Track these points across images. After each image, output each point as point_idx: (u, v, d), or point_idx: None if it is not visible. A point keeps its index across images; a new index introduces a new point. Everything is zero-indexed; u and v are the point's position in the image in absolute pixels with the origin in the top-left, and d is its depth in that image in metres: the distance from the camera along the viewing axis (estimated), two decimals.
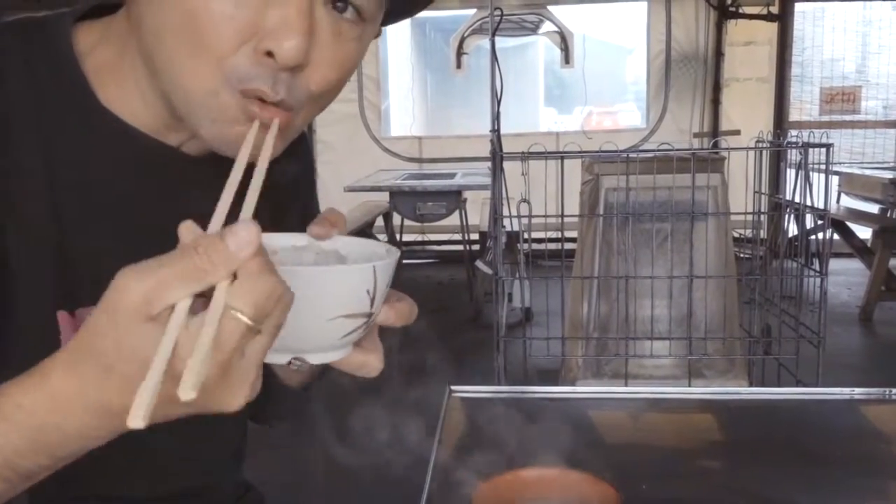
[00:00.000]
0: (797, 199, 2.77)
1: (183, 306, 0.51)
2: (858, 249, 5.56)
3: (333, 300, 0.62)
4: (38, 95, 0.73)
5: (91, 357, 0.54)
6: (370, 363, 0.69)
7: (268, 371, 0.92)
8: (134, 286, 0.51)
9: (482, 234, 5.27)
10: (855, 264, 5.75)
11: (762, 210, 2.89)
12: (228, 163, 0.78)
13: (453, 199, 5.34)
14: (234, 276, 0.52)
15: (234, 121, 0.69)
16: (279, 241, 0.69)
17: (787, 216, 2.90)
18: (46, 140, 0.73)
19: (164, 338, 0.50)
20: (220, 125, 0.69)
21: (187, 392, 0.48)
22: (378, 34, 0.79)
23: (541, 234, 3.16)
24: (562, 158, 2.63)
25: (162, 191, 0.79)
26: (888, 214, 5.69)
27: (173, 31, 0.66)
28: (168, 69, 0.68)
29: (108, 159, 0.76)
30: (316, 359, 0.67)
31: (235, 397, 0.54)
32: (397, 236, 6.37)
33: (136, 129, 0.76)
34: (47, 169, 0.73)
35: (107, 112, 0.75)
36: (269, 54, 0.65)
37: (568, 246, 2.93)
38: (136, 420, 0.48)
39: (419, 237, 6.95)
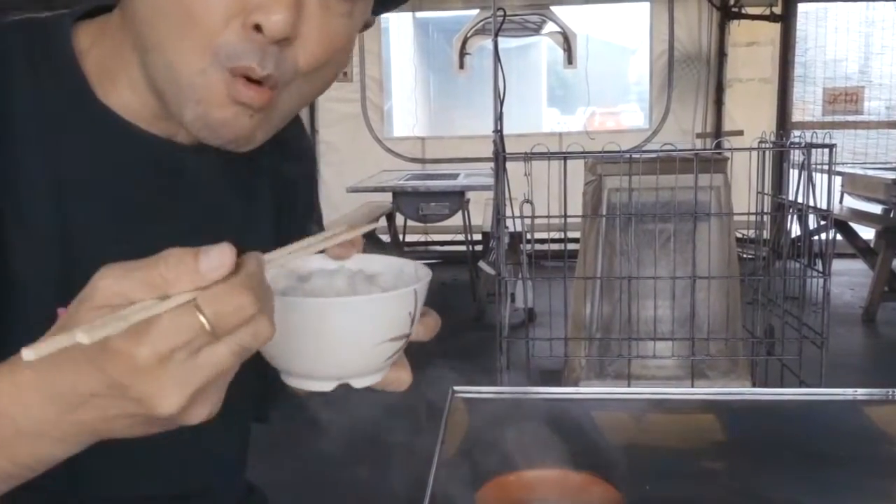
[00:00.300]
0: (800, 200, 2.77)
1: (146, 303, 0.50)
2: (861, 250, 5.55)
3: (380, 326, 0.63)
4: (41, 95, 0.74)
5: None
6: (402, 378, 0.70)
7: (272, 373, 0.93)
8: (107, 284, 0.51)
9: (485, 234, 5.27)
10: (858, 265, 5.75)
11: (765, 210, 2.88)
12: (224, 151, 0.79)
13: (456, 199, 5.34)
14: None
15: (219, 104, 0.69)
16: (313, 263, 0.70)
17: (789, 217, 2.90)
18: (49, 139, 0.74)
19: (119, 312, 0.50)
20: (205, 107, 0.69)
21: (83, 334, 0.47)
22: (370, 24, 0.80)
23: (544, 235, 3.16)
24: (565, 159, 2.63)
25: (163, 184, 0.80)
26: (891, 215, 5.68)
27: (164, 14, 0.68)
28: (158, 52, 0.69)
29: (109, 157, 0.77)
30: (360, 383, 0.68)
31: (167, 397, 0.51)
32: (400, 237, 6.38)
33: (134, 126, 0.77)
34: (51, 168, 0.73)
35: (107, 110, 0.76)
36: (258, 28, 0.66)
37: (571, 246, 2.93)
38: (30, 349, 0.48)
39: (422, 238, 6.95)
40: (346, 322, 0.61)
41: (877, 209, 5.70)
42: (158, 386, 0.50)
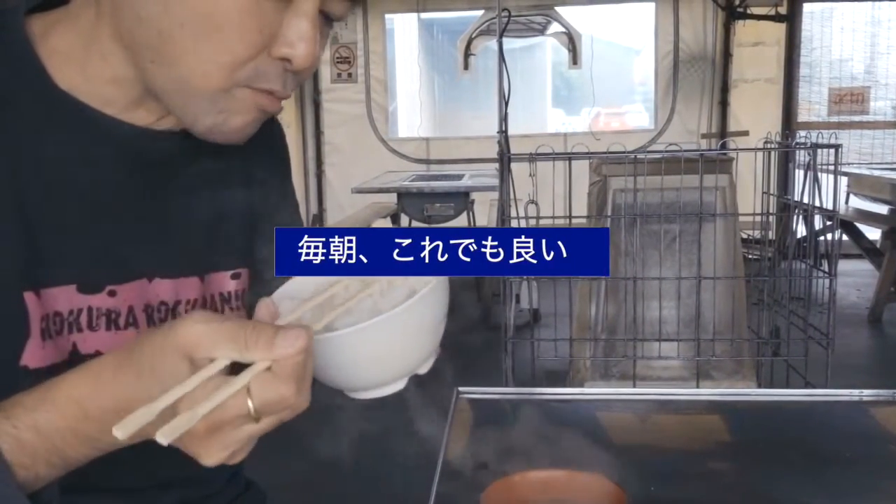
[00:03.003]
0: (805, 200, 2.76)
1: (219, 363, 0.59)
2: (867, 250, 5.54)
3: (441, 307, 0.69)
4: None
5: (132, 364, 0.62)
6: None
7: None
8: (195, 327, 0.59)
9: None
10: (864, 265, 5.73)
11: (770, 211, 2.88)
12: (197, 140, 0.80)
13: (461, 200, 5.34)
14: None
15: (242, 111, 0.74)
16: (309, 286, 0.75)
17: (795, 217, 2.89)
18: (5, 124, 0.74)
19: (188, 381, 0.58)
20: (226, 115, 0.74)
21: (161, 436, 0.56)
22: None
23: None
24: (569, 159, 2.62)
25: (127, 168, 0.80)
26: None
27: (189, 32, 0.69)
28: (175, 66, 0.71)
29: (69, 140, 0.77)
30: (425, 368, 0.73)
31: (210, 456, 0.61)
32: None
33: (97, 111, 0.77)
34: (9, 153, 0.74)
35: (65, 94, 0.77)
36: (285, 60, 0.71)
37: None
38: (119, 429, 0.56)
39: None
40: (420, 317, 0.66)
41: (883, 209, 5.67)
42: (205, 448, 0.61)
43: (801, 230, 2.90)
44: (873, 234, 5.62)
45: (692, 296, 2.73)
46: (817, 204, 2.73)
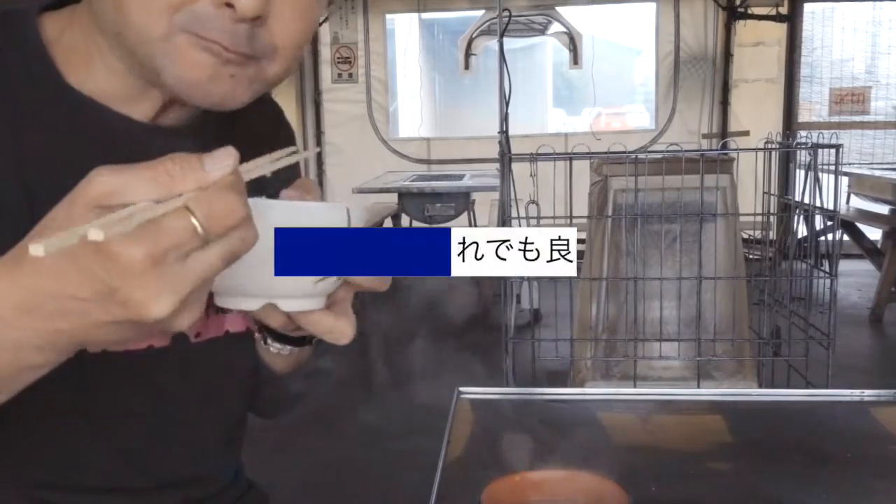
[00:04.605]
0: (806, 200, 2.76)
1: (140, 205, 0.49)
2: (868, 251, 5.54)
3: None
4: (7, 80, 0.75)
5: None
6: (340, 328, 0.68)
7: (258, 362, 0.93)
8: (102, 178, 0.50)
9: None
10: (865, 265, 5.73)
11: (771, 211, 2.88)
12: (205, 134, 0.80)
13: (462, 200, 5.34)
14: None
15: (194, 63, 0.70)
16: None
17: (796, 217, 2.89)
18: (16, 121, 0.74)
19: (111, 215, 0.48)
20: (181, 68, 0.70)
21: (95, 231, 0.46)
22: None
23: None
24: (570, 160, 2.62)
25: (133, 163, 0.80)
26: None
27: None
28: (129, 30, 0.70)
29: (78, 137, 0.78)
30: (288, 305, 0.66)
31: (157, 301, 0.50)
32: None
33: (106, 107, 0.78)
34: (18, 149, 0.74)
35: (76, 92, 0.77)
36: (228, 5, 0.67)
37: (576, 247, 2.93)
38: (36, 247, 0.45)
39: None
40: (272, 226, 0.59)
41: (884, 209, 5.67)
42: (150, 290, 0.49)
43: (801, 230, 2.90)
44: (874, 234, 5.62)
45: (693, 296, 2.73)
46: (818, 204, 2.73)
